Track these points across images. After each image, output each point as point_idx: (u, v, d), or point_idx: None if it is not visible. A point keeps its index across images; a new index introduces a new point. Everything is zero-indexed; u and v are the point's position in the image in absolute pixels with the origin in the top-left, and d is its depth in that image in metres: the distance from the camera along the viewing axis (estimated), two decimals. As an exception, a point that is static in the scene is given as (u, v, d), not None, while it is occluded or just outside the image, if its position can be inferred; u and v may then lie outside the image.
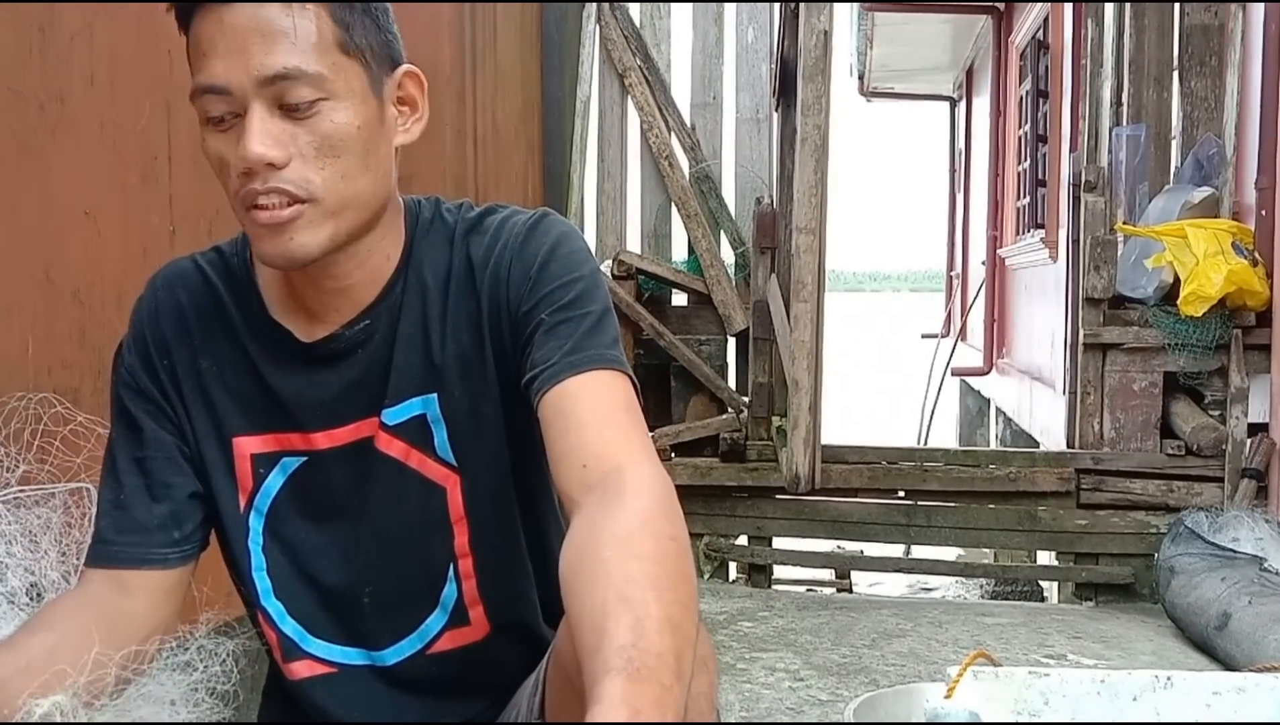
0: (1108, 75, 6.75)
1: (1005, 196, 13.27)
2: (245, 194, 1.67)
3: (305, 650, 1.94)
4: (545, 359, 1.72)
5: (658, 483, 1.55)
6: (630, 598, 1.34)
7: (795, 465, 5.80)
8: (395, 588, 1.92)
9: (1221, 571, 5.15)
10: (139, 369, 1.89)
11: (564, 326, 1.75)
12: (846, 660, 4.79)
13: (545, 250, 1.82)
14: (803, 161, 5.62)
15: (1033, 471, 6.51)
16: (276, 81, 1.63)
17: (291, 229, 1.68)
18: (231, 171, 1.68)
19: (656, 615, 1.32)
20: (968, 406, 15.92)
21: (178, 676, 1.80)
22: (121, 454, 1.87)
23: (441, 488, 1.89)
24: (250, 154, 1.63)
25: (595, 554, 1.43)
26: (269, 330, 1.88)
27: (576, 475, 1.61)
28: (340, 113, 1.68)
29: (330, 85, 1.67)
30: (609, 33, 7.23)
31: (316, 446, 1.88)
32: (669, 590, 1.37)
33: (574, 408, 1.67)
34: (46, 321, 2.67)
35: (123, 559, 1.82)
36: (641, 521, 1.46)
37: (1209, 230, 5.98)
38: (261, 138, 1.63)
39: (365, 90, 1.72)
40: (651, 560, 1.40)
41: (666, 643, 1.30)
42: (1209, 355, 6.20)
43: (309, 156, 1.67)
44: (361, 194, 1.74)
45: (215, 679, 1.80)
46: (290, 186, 1.66)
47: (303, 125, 1.66)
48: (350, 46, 1.69)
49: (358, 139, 1.71)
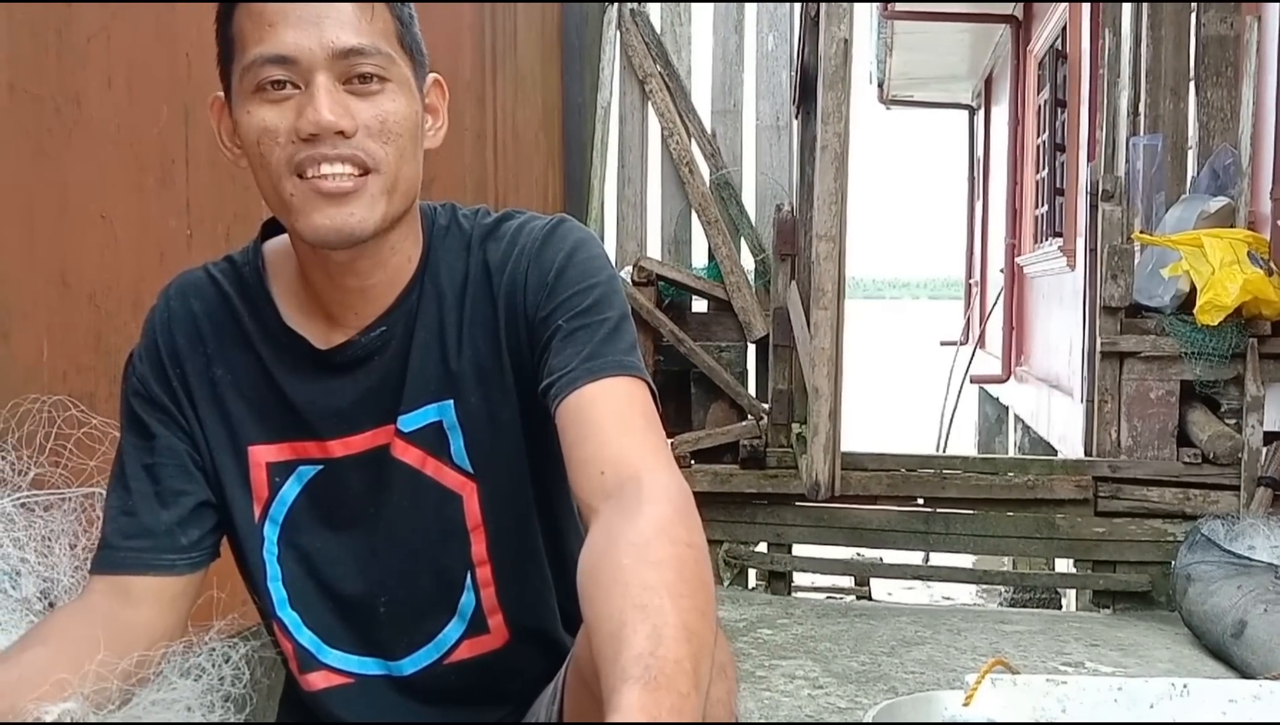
0: (1124, 85, 6.76)
1: (1024, 205, 13.26)
2: (303, 160, 1.67)
3: (322, 661, 1.93)
4: (563, 365, 1.71)
5: (675, 489, 1.54)
6: (647, 605, 1.33)
7: (815, 472, 5.80)
8: (412, 596, 1.91)
9: (1238, 579, 5.15)
10: (150, 378, 1.88)
11: (581, 333, 1.74)
12: (866, 668, 4.79)
13: (562, 256, 1.81)
14: (823, 169, 5.63)
15: (1051, 479, 6.52)
16: (350, 55, 1.66)
17: (353, 201, 1.68)
18: (282, 139, 1.67)
19: (674, 623, 1.32)
20: (986, 414, 15.88)
21: (190, 682, 1.75)
22: (131, 461, 1.86)
23: (458, 495, 1.87)
24: (324, 119, 1.64)
25: (613, 561, 1.42)
26: (284, 338, 1.86)
27: (594, 482, 1.60)
28: (399, 97, 1.71)
29: (393, 70, 1.70)
30: (630, 39, 7.25)
31: (332, 454, 1.87)
32: (686, 597, 1.36)
33: (591, 414, 1.66)
34: (62, 325, 2.64)
35: (128, 564, 1.79)
36: (659, 528, 1.45)
37: (1225, 240, 5.98)
38: (332, 106, 1.64)
39: (412, 86, 1.75)
40: (669, 567, 1.39)
41: (684, 650, 1.29)
42: (1225, 364, 6.21)
43: (373, 131, 1.69)
44: (408, 178, 1.75)
45: (228, 683, 1.76)
46: (360, 153, 1.67)
47: (367, 101, 1.68)
48: (407, 41, 1.74)
49: (410, 127, 1.73)
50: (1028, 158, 13.05)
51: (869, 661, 4.89)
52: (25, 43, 2.52)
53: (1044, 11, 11.75)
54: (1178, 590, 5.60)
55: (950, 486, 6.63)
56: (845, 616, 5.85)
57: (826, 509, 6.66)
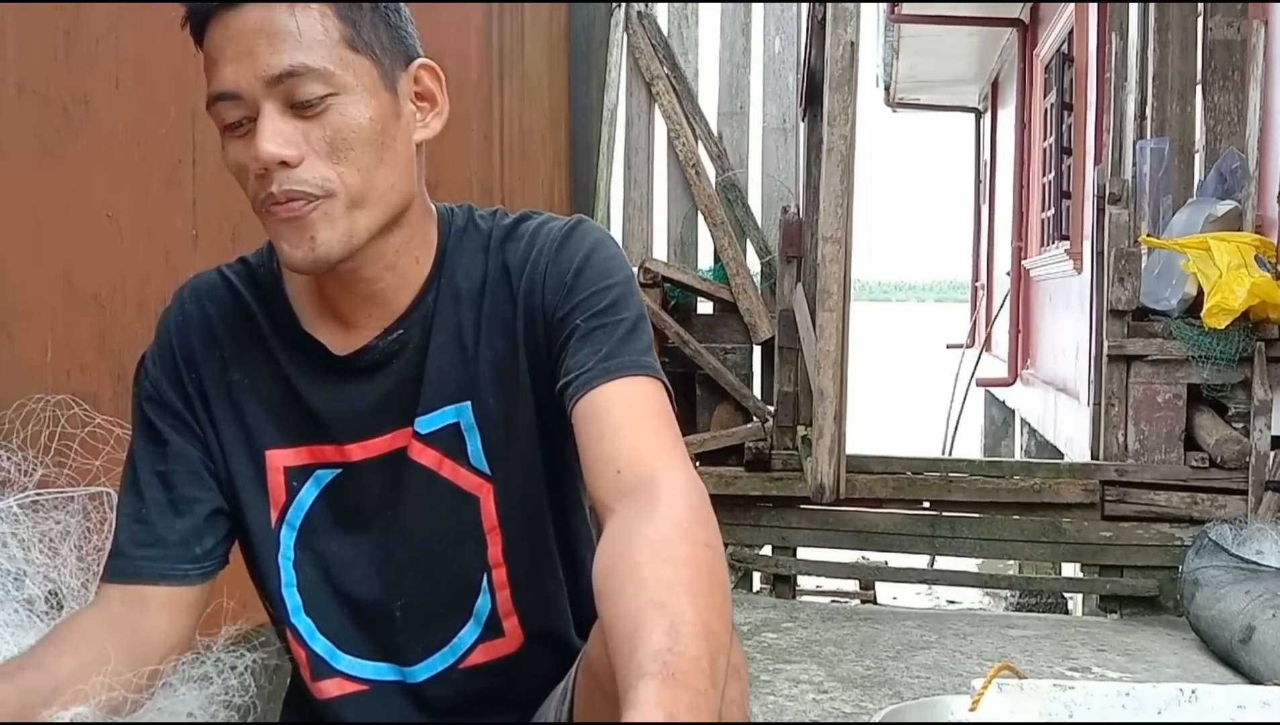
0: (1132, 89, 6.73)
1: (1030, 208, 13.27)
2: (264, 198, 1.66)
3: (335, 668, 1.91)
4: (580, 365, 1.71)
5: (692, 489, 1.54)
6: (665, 603, 1.34)
7: (820, 475, 5.77)
8: (427, 600, 1.89)
9: (1246, 584, 5.12)
10: (163, 382, 1.86)
11: (599, 333, 1.74)
12: (871, 672, 4.78)
13: (581, 256, 1.81)
14: (829, 171, 5.61)
15: (1057, 483, 6.51)
16: (284, 80, 1.61)
17: (310, 226, 1.66)
18: (250, 176, 1.66)
19: (692, 620, 1.32)
20: (992, 417, 15.88)
21: (195, 689, 1.77)
22: (143, 467, 1.84)
23: (474, 497, 1.86)
24: (262, 153, 1.61)
25: (629, 560, 1.42)
26: (301, 342, 1.86)
27: (610, 481, 1.59)
28: (351, 107, 1.66)
29: (339, 80, 1.65)
30: (636, 41, 7.25)
31: (351, 458, 1.86)
32: (704, 596, 1.36)
33: (608, 414, 1.66)
34: (66, 325, 2.62)
35: (143, 574, 1.78)
36: (677, 528, 1.45)
37: (1232, 243, 5.97)
38: (273, 137, 1.61)
39: (376, 84, 1.70)
40: (686, 566, 1.39)
41: (701, 648, 1.29)
42: (1232, 368, 6.20)
43: (323, 153, 1.65)
44: (379, 188, 1.71)
45: (233, 692, 1.77)
46: (305, 186, 1.64)
47: (314, 122, 1.64)
48: (358, 42, 1.68)
49: (370, 132, 1.68)
50: (1034, 161, 13.06)
51: (874, 666, 4.88)
52: (33, 43, 2.51)
53: (1050, 15, 11.74)
54: (1185, 595, 5.58)
55: (956, 490, 6.61)
56: (850, 620, 5.83)
57: (831, 512, 6.64)
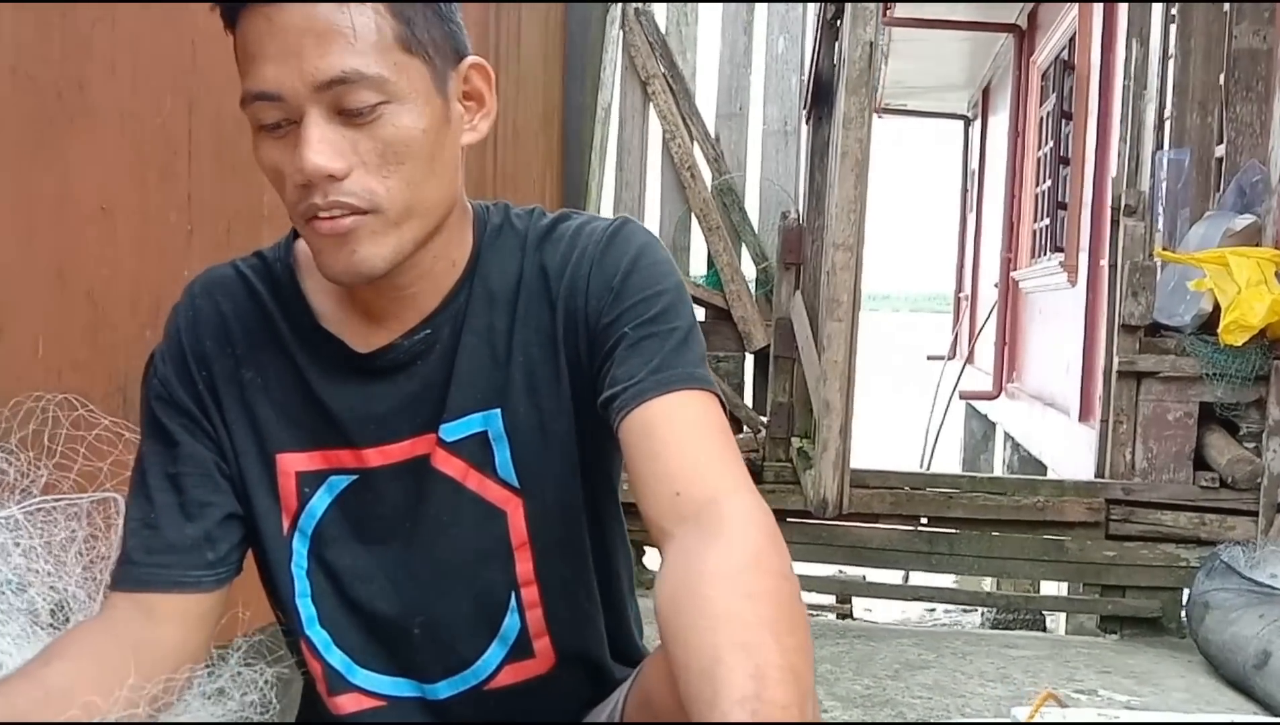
0: (1151, 98, 6.61)
1: (1021, 218, 13.17)
2: (305, 208, 1.56)
3: (352, 683, 1.82)
4: (629, 376, 1.61)
5: (760, 514, 1.45)
6: (748, 643, 1.25)
7: (823, 489, 5.64)
8: (449, 618, 1.80)
9: (1260, 608, 5.02)
10: (174, 381, 1.77)
11: (649, 342, 1.64)
12: (870, 692, 4.68)
13: (628, 260, 1.71)
14: (842, 176, 5.48)
15: (1061, 501, 6.37)
16: (334, 86, 1.50)
17: (353, 240, 1.56)
18: (289, 182, 1.56)
19: (778, 664, 1.23)
20: (972, 430, 15.86)
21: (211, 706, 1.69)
22: (153, 470, 1.74)
23: (501, 511, 1.77)
24: (308, 165, 1.50)
25: (700, 592, 1.33)
26: (318, 340, 1.77)
27: (668, 504, 1.50)
28: (404, 116, 1.56)
29: (393, 87, 1.54)
30: (633, 39, 7.16)
31: (368, 464, 1.77)
32: (788, 635, 1.28)
33: (663, 430, 1.57)
34: (58, 321, 2.55)
35: (153, 582, 1.68)
36: (751, 558, 1.37)
37: (1252, 258, 5.85)
38: (320, 148, 1.51)
39: (430, 90, 1.59)
40: (767, 602, 1.31)
41: (790, 694, 1.21)
42: (1248, 386, 6.07)
43: (372, 165, 1.55)
44: (427, 200, 1.62)
45: (252, 708, 1.70)
46: (352, 199, 1.54)
47: (364, 131, 1.53)
48: (413, 43, 1.56)
49: (423, 143, 1.58)
50: (1028, 170, 12.98)
51: (873, 685, 4.78)
52: (27, 25, 2.41)
53: (1050, 21, 11.66)
54: (1194, 617, 5.47)
55: (956, 506, 6.47)
56: (844, 637, 5.73)
57: (825, 527, 6.49)
